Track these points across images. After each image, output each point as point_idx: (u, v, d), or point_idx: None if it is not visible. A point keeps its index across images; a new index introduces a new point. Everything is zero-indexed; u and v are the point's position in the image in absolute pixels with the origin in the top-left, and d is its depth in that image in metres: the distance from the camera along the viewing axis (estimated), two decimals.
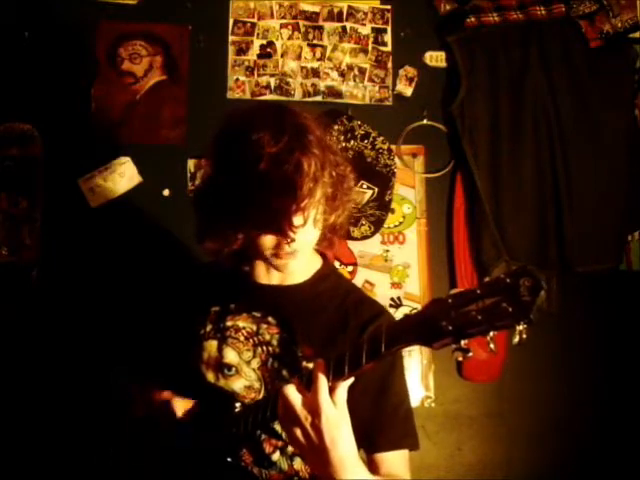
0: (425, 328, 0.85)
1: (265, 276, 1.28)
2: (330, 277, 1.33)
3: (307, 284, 1.29)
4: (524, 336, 0.77)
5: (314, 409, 0.92)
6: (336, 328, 1.23)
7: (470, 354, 0.83)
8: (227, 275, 1.32)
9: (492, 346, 0.80)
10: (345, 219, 1.25)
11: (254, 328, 1.23)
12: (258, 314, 1.25)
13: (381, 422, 1.17)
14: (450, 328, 0.81)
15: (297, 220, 1.10)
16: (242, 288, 1.29)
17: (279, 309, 1.24)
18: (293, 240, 1.12)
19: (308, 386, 0.95)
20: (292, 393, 0.95)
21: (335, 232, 1.27)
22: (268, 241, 1.15)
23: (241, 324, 1.24)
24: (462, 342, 0.82)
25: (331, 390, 0.93)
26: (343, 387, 0.94)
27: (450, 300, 0.83)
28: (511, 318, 0.77)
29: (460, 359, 0.85)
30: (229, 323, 1.25)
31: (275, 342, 1.22)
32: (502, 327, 0.78)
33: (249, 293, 1.28)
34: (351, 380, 0.95)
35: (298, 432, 0.94)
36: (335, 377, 0.93)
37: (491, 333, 0.79)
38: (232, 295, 1.28)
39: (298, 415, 0.93)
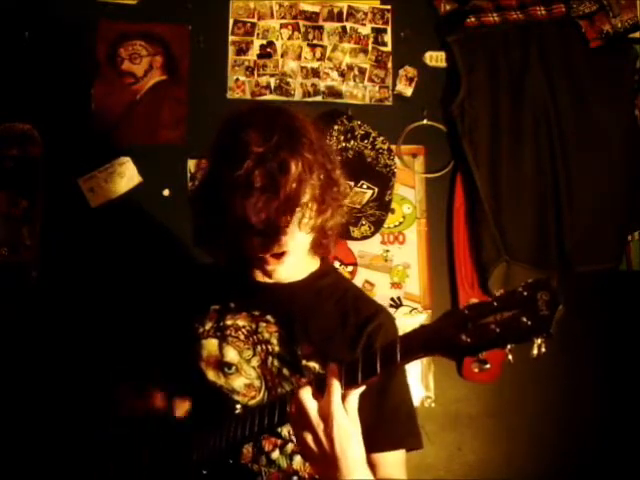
0: (443, 340, 0.85)
1: (264, 274, 1.28)
2: (329, 275, 1.34)
3: (306, 282, 1.29)
4: (543, 349, 0.78)
5: (326, 416, 0.91)
6: (335, 326, 1.23)
7: (488, 366, 0.84)
8: (227, 274, 1.33)
9: (510, 357, 0.80)
10: (336, 223, 1.23)
11: (253, 326, 1.24)
12: (257, 312, 1.25)
13: (382, 422, 1.17)
14: (469, 340, 0.82)
15: (281, 221, 1.09)
16: (241, 287, 1.29)
17: (278, 307, 1.24)
18: (278, 241, 1.11)
19: (320, 391, 0.94)
20: (307, 398, 0.94)
21: (327, 237, 1.25)
22: (255, 243, 1.13)
23: (241, 323, 1.25)
24: (480, 354, 0.82)
25: (343, 397, 0.92)
26: (355, 395, 0.93)
27: (467, 312, 0.83)
28: (531, 332, 0.78)
29: (476, 370, 0.85)
30: (229, 322, 1.25)
31: (274, 340, 1.22)
32: (521, 340, 0.79)
33: (248, 291, 1.28)
34: (362, 388, 0.94)
35: (309, 438, 0.93)
36: (348, 385, 0.92)
37: (509, 346, 0.80)
38: (232, 294, 1.28)
39: (311, 421, 0.92)
